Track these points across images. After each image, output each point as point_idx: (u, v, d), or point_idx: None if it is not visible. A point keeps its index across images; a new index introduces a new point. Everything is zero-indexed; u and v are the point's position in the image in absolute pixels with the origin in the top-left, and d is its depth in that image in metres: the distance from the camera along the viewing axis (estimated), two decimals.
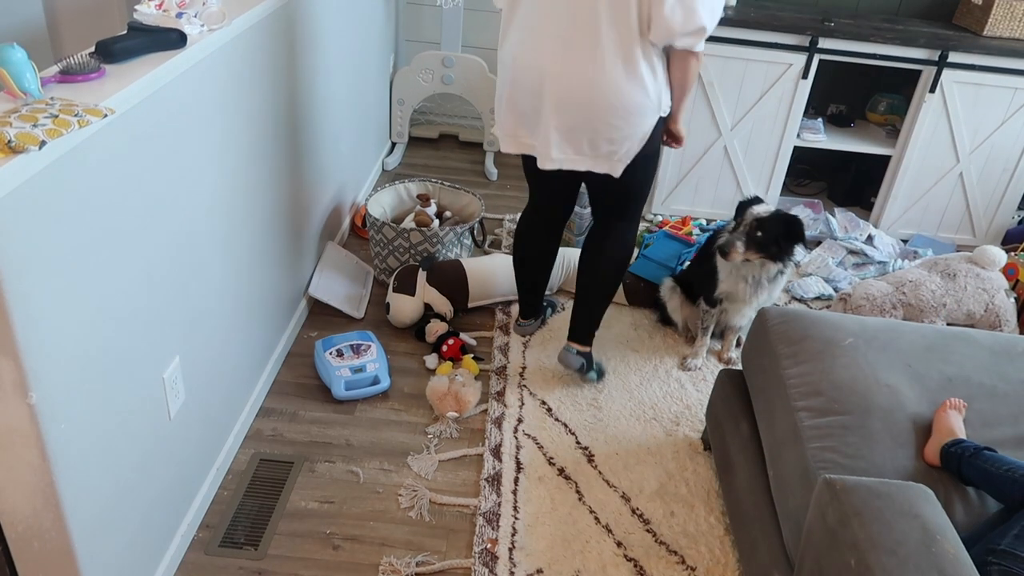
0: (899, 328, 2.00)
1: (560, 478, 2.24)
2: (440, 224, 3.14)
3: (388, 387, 2.51)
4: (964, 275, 2.82)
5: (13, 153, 1.19)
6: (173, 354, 1.79)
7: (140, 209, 1.58)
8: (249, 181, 2.17)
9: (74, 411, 1.41)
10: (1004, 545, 1.41)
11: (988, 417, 1.77)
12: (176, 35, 1.68)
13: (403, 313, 2.76)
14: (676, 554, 2.04)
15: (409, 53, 4.21)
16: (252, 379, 2.36)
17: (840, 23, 3.48)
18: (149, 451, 1.71)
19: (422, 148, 4.34)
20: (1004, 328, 2.83)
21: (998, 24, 3.47)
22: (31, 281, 1.26)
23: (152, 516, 1.76)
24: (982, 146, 3.56)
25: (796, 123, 3.57)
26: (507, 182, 4.04)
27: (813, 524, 1.48)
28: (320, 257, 2.95)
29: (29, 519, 1.41)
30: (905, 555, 1.30)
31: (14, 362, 1.25)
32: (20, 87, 1.32)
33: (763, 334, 2.03)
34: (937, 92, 3.44)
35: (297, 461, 2.22)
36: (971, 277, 2.82)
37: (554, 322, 2.90)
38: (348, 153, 3.29)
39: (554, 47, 2.12)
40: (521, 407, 2.49)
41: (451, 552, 2.01)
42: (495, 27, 4.21)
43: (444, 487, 2.19)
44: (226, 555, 1.94)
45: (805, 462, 1.67)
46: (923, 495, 1.42)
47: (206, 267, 1.93)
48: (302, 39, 2.52)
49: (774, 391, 1.89)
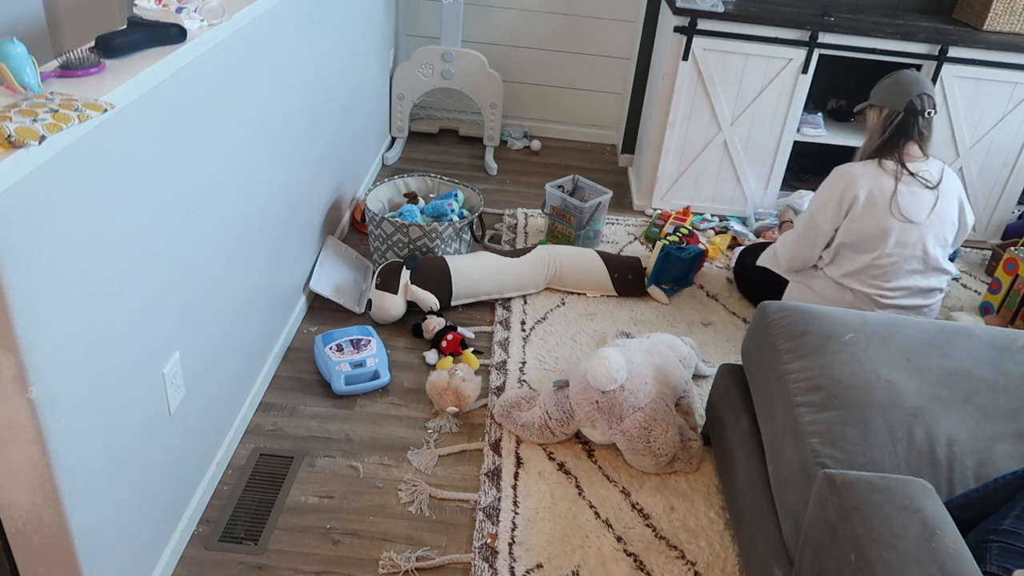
0: (899, 323, 2.00)
1: (560, 473, 2.24)
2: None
3: (388, 382, 2.51)
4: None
5: (13, 148, 1.18)
6: (173, 349, 1.79)
7: (140, 204, 1.58)
8: (249, 176, 2.17)
9: (74, 406, 1.41)
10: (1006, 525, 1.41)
11: (988, 412, 1.77)
12: (176, 30, 1.67)
13: (385, 310, 2.75)
14: (676, 549, 2.04)
15: (409, 48, 4.21)
16: (252, 374, 2.36)
17: (840, 18, 3.48)
18: (149, 446, 1.72)
19: (422, 143, 4.34)
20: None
21: (998, 19, 3.47)
22: (31, 276, 1.26)
23: (152, 511, 1.76)
24: (982, 141, 3.56)
25: (796, 118, 3.57)
26: (507, 177, 4.04)
27: (813, 519, 1.48)
28: (320, 252, 2.95)
29: (29, 514, 1.42)
30: (905, 549, 1.30)
31: (14, 357, 1.25)
32: (20, 82, 1.32)
33: (763, 329, 2.03)
34: (937, 87, 3.44)
35: (297, 456, 2.23)
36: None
37: (555, 316, 2.90)
38: (348, 148, 3.29)
39: None
40: None
41: (451, 547, 2.01)
42: (495, 22, 4.22)
43: (444, 482, 2.20)
44: (226, 550, 1.95)
45: (805, 457, 1.67)
46: (923, 490, 1.42)
47: (206, 262, 1.93)
48: (302, 34, 2.52)
49: (774, 386, 1.89)
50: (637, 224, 3.67)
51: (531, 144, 4.38)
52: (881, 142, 2.64)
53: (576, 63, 4.34)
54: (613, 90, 4.42)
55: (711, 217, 3.72)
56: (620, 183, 4.08)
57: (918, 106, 2.57)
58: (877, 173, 2.60)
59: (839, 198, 2.63)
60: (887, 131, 2.62)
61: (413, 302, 2.81)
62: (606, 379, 2.18)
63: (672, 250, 3.05)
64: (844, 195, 2.62)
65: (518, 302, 2.97)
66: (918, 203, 2.59)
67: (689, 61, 3.44)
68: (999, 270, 3.12)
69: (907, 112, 2.59)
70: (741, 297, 3.15)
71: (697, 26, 3.37)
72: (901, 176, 2.58)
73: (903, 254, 2.60)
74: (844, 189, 2.62)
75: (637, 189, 3.89)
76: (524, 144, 4.39)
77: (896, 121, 2.60)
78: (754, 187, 3.73)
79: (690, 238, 3.35)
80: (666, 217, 3.61)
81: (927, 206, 2.59)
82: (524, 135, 4.45)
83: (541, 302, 2.99)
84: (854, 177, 2.62)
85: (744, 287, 3.14)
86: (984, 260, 3.63)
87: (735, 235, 3.57)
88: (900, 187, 2.57)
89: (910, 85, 2.59)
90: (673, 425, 2.24)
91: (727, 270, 3.34)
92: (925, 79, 2.64)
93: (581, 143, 4.55)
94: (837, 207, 2.64)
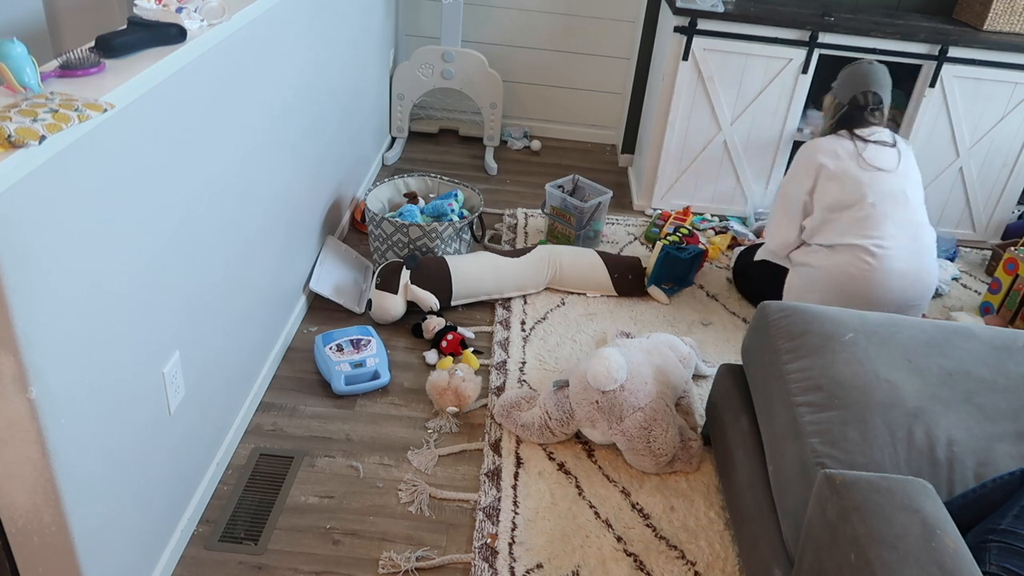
0: (899, 323, 2.00)
1: (560, 473, 2.24)
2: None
3: (388, 382, 2.51)
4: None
5: (13, 148, 1.18)
6: (173, 349, 1.79)
7: (140, 204, 1.58)
8: (249, 176, 2.17)
9: (74, 406, 1.41)
10: (1004, 525, 1.41)
11: (989, 412, 1.77)
12: (176, 30, 1.67)
13: (385, 310, 2.75)
14: (676, 549, 2.04)
15: (409, 48, 4.21)
16: (252, 374, 2.36)
17: (840, 18, 3.48)
18: (149, 446, 1.72)
19: (422, 143, 4.34)
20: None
21: (998, 19, 3.47)
22: (31, 276, 1.26)
23: (152, 511, 1.76)
24: (982, 141, 3.56)
25: (796, 118, 3.57)
26: (507, 177, 4.04)
27: (813, 519, 1.48)
28: (320, 252, 2.95)
29: (29, 514, 1.42)
30: (905, 549, 1.30)
31: (14, 357, 1.25)
32: (20, 82, 1.32)
33: (763, 329, 2.03)
34: (937, 87, 3.44)
35: (297, 456, 2.23)
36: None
37: (555, 316, 2.90)
38: (348, 148, 3.29)
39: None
40: None
41: (451, 547, 2.01)
42: (495, 22, 4.21)
43: (444, 482, 2.20)
44: (226, 550, 1.95)
45: (805, 457, 1.67)
46: (923, 490, 1.42)
47: (206, 262, 1.93)
48: (302, 34, 2.52)
49: (774, 386, 1.89)
50: (637, 224, 3.67)
51: (531, 144, 4.38)
52: (829, 127, 2.88)
53: (576, 63, 4.34)
54: (613, 90, 4.42)
55: (711, 217, 3.72)
56: (620, 183, 4.08)
57: (860, 102, 2.78)
58: (838, 139, 2.79)
59: (805, 165, 2.80)
60: (835, 118, 2.85)
61: (413, 302, 2.81)
62: (606, 379, 2.18)
63: (672, 250, 3.05)
64: (809, 162, 2.79)
65: (518, 302, 2.97)
66: (883, 155, 2.74)
67: (689, 61, 3.44)
68: (999, 270, 3.12)
69: (850, 106, 2.80)
70: (741, 297, 3.16)
71: (697, 26, 3.37)
72: (857, 143, 2.76)
73: (885, 203, 2.69)
74: (808, 157, 2.80)
75: (637, 189, 3.89)
76: (524, 144, 4.39)
77: (842, 112, 2.82)
78: (754, 187, 3.73)
79: (690, 238, 3.35)
80: (666, 217, 3.61)
81: (893, 158, 2.74)
82: (524, 135, 4.45)
83: (541, 302, 2.99)
84: (816, 145, 2.80)
85: (743, 286, 3.14)
86: (984, 260, 3.63)
87: (735, 235, 3.57)
88: (860, 145, 2.75)
89: (858, 80, 2.79)
90: (673, 425, 2.24)
91: (727, 270, 3.34)
92: (879, 75, 2.80)
93: (581, 143, 4.55)
94: (804, 173, 2.80)
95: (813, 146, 2.81)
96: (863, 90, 2.78)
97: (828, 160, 2.74)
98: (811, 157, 2.78)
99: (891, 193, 2.68)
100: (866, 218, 2.67)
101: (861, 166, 2.70)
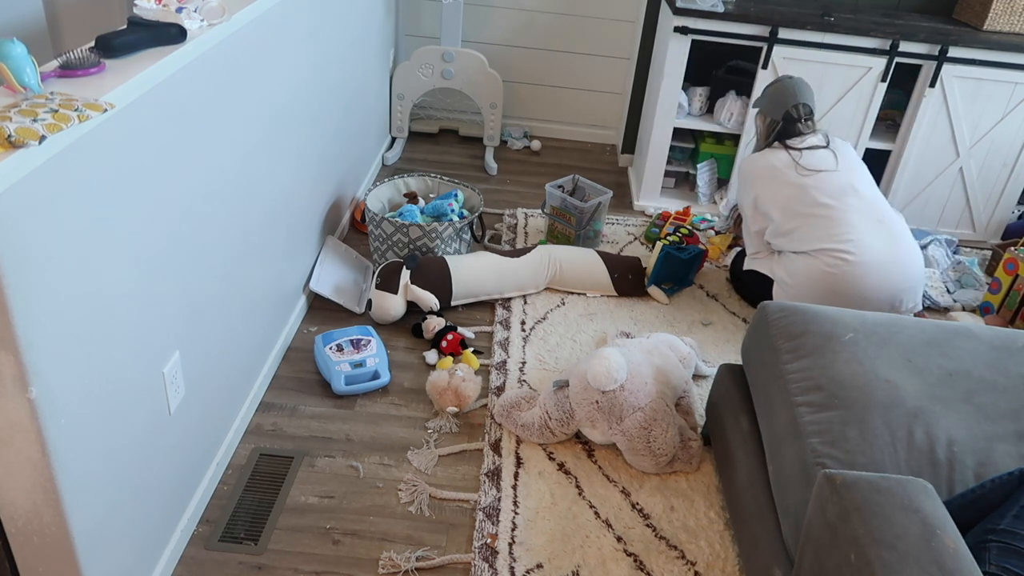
0: (899, 323, 2.00)
1: (560, 473, 2.24)
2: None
3: (388, 382, 2.51)
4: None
5: (13, 148, 1.18)
6: (173, 349, 1.79)
7: (140, 204, 1.58)
8: (249, 176, 2.17)
9: (74, 406, 1.41)
10: (1004, 525, 1.41)
11: (988, 412, 1.77)
12: (176, 30, 1.67)
13: (385, 310, 2.75)
14: (676, 549, 2.04)
15: (409, 48, 4.21)
16: (252, 374, 2.36)
17: (840, 18, 3.48)
18: (149, 446, 1.72)
19: (422, 143, 4.34)
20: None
21: (998, 19, 3.47)
22: (31, 276, 1.26)
23: (152, 511, 1.76)
24: (982, 141, 3.56)
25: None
26: (507, 177, 4.04)
27: (813, 519, 1.48)
28: (320, 252, 2.95)
29: (29, 514, 1.42)
30: (905, 549, 1.30)
31: (14, 357, 1.25)
32: (20, 82, 1.32)
33: (763, 329, 2.03)
34: (937, 87, 3.44)
35: (297, 456, 2.23)
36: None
37: (555, 316, 2.90)
38: (348, 148, 3.29)
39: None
40: None
41: (451, 547, 2.01)
42: (495, 22, 4.21)
43: (444, 482, 2.20)
44: (226, 550, 1.95)
45: (805, 457, 1.67)
46: (923, 490, 1.42)
47: (206, 262, 1.93)
48: (302, 34, 2.52)
49: (774, 386, 1.89)
50: (637, 224, 3.67)
51: (531, 144, 4.38)
52: (767, 143, 2.98)
53: (576, 63, 4.34)
54: (613, 90, 4.42)
55: (711, 217, 3.72)
56: (620, 183, 4.08)
57: (794, 115, 2.91)
58: (773, 151, 2.91)
59: (744, 178, 2.98)
60: (771, 135, 2.96)
61: (413, 302, 2.81)
62: (606, 379, 2.18)
63: (672, 250, 3.05)
64: (749, 175, 2.95)
65: (518, 302, 2.97)
66: (818, 157, 2.84)
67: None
68: (999, 270, 3.12)
69: (784, 121, 2.92)
70: (740, 297, 3.16)
71: (697, 26, 3.37)
72: (791, 152, 2.87)
73: (838, 201, 2.75)
74: (745, 172, 2.96)
75: (637, 189, 3.89)
76: (524, 144, 4.39)
77: (777, 128, 2.94)
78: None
79: (690, 238, 3.35)
80: (666, 217, 3.61)
81: (830, 158, 2.84)
82: (524, 135, 4.45)
83: (541, 302, 2.99)
84: (752, 160, 2.96)
85: (740, 290, 3.15)
86: (984, 260, 3.63)
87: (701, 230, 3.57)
88: (795, 154, 2.86)
89: (786, 96, 2.92)
90: (673, 425, 2.24)
91: (726, 270, 3.34)
92: (803, 87, 2.94)
93: (581, 143, 4.55)
94: (748, 185, 2.95)
95: (750, 161, 2.96)
96: (794, 103, 2.91)
97: (765, 171, 2.88)
98: (748, 172, 2.95)
99: (840, 189, 2.77)
100: (828, 220, 2.73)
101: (801, 172, 2.81)
